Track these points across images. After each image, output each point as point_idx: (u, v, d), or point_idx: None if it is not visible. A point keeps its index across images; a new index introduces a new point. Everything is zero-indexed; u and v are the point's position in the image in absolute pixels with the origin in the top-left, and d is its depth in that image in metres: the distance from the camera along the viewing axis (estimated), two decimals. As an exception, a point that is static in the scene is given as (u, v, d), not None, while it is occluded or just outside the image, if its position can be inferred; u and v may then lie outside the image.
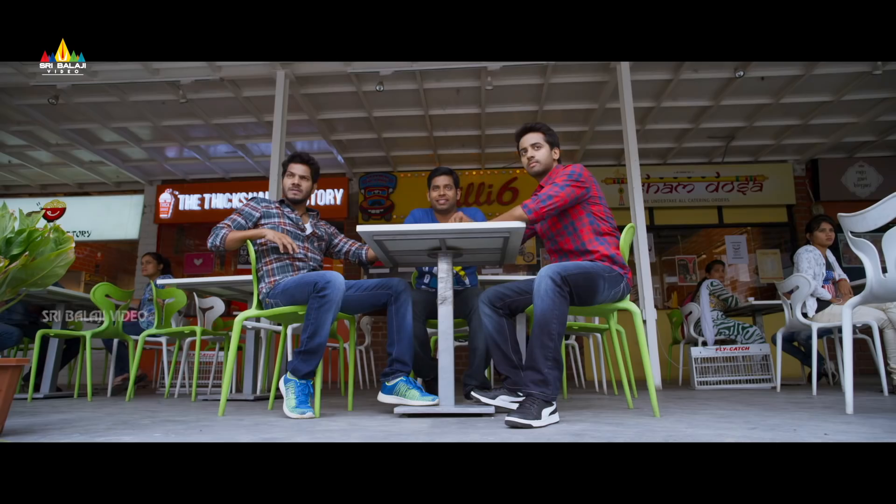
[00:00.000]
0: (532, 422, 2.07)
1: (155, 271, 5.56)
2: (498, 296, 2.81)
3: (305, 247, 3.19)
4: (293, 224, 3.19)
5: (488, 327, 2.79)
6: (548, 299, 2.33)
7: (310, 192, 3.33)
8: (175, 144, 7.90)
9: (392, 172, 8.91)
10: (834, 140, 7.82)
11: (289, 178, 3.26)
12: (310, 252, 3.21)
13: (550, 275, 2.36)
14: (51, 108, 6.45)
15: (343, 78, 6.10)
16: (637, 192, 5.29)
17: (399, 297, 2.88)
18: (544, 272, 2.38)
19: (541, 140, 2.91)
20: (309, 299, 2.68)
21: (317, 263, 3.26)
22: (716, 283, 5.82)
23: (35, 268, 2.03)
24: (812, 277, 4.32)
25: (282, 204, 3.27)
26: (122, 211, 9.40)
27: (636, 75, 5.83)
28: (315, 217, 3.43)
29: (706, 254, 9.40)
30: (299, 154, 3.31)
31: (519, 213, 2.63)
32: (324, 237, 3.37)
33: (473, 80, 6.23)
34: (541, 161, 2.88)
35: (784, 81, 6.25)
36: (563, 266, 2.42)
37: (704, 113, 7.03)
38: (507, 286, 2.84)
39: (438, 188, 3.49)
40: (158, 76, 5.83)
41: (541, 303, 2.34)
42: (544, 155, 2.89)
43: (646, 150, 8.05)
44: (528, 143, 2.92)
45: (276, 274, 3.05)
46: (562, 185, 2.69)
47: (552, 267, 2.40)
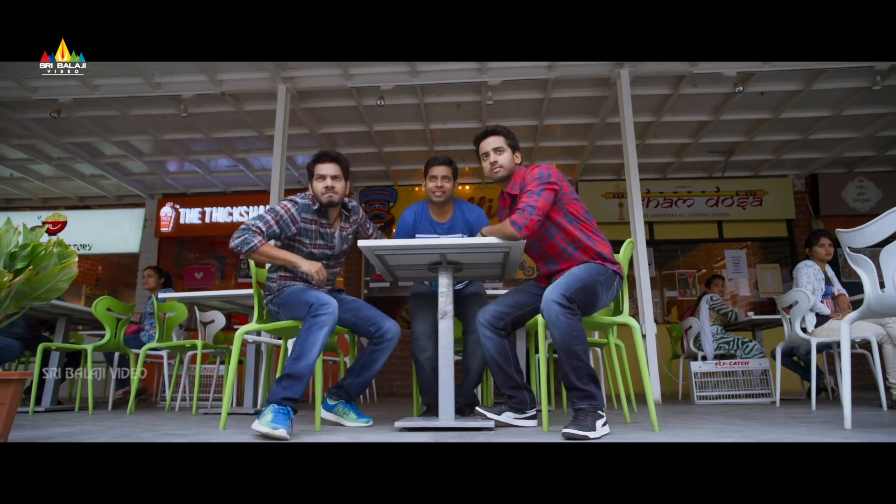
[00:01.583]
0: (588, 433, 2.17)
1: (156, 285, 5.57)
2: (498, 316, 2.75)
3: (330, 265, 3.11)
4: (325, 244, 3.04)
5: (490, 350, 2.73)
6: (562, 324, 2.33)
7: (345, 191, 3.03)
8: (176, 158, 7.93)
9: (392, 186, 8.95)
10: (833, 155, 7.85)
11: (319, 181, 2.95)
12: (331, 268, 3.14)
13: (556, 300, 2.35)
14: (53, 122, 6.49)
15: (344, 92, 6.14)
16: (637, 206, 5.31)
17: (382, 341, 2.92)
18: (549, 297, 2.37)
19: (503, 144, 2.81)
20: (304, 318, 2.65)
21: (332, 277, 3.17)
22: (715, 298, 5.82)
23: (39, 282, 2.04)
24: (811, 292, 4.33)
25: (319, 213, 3.00)
26: (123, 224, 9.42)
27: (636, 90, 5.87)
28: (346, 220, 3.17)
29: (706, 268, 9.41)
30: (326, 152, 3.01)
31: (510, 231, 2.51)
32: (351, 243, 3.19)
33: (474, 95, 6.27)
34: (504, 166, 2.79)
35: (783, 96, 6.29)
36: (564, 285, 2.41)
37: (704, 128, 7.07)
38: (504, 302, 2.80)
39: (436, 178, 3.29)
40: (160, 90, 5.88)
41: (557, 330, 2.34)
42: (507, 159, 2.80)
43: (645, 164, 8.07)
44: (489, 148, 2.82)
45: (286, 284, 2.98)
46: (537, 191, 2.57)
47: (554, 290, 2.39)
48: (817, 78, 5.75)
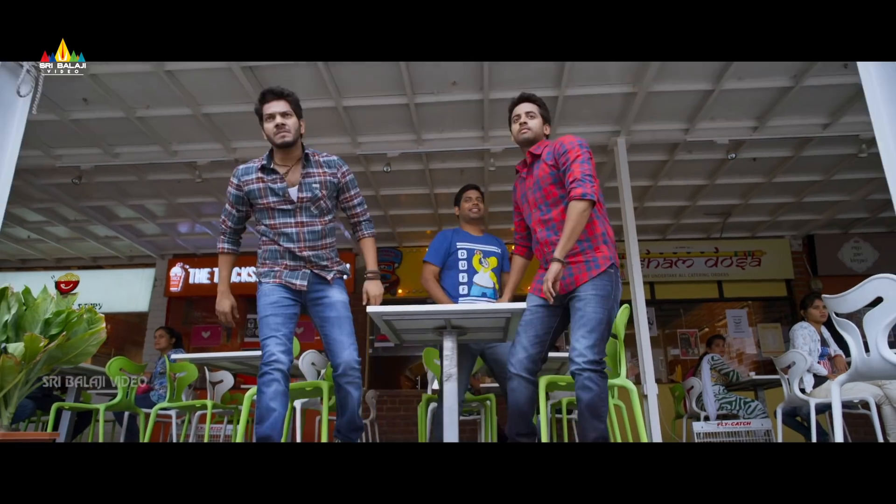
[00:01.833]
0: None
1: (167, 345, 5.69)
2: (532, 360, 2.72)
3: (300, 222, 2.83)
4: (279, 199, 2.80)
5: (521, 399, 2.70)
6: (594, 388, 2.41)
7: (298, 129, 2.81)
8: (188, 220, 8.17)
9: (398, 248, 9.15)
10: (828, 217, 8.05)
11: (269, 121, 2.75)
12: (306, 226, 2.84)
13: (588, 366, 2.42)
14: (72, 187, 6.74)
15: (352, 158, 6.39)
16: (636, 268, 5.47)
17: (339, 376, 2.83)
18: (581, 362, 2.43)
19: (536, 111, 2.87)
20: None
21: (314, 238, 2.86)
22: (717, 358, 5.90)
23: (70, 347, 2.19)
24: (808, 353, 4.42)
25: (264, 170, 2.82)
26: (134, 284, 9.61)
27: (633, 156, 6.10)
28: (308, 166, 2.87)
29: (708, 327, 9.47)
30: (270, 89, 2.78)
31: (583, 206, 2.51)
32: (320, 195, 2.85)
33: (477, 161, 6.53)
34: (532, 129, 2.83)
35: (775, 162, 6.52)
36: (590, 340, 2.46)
37: (700, 191, 7.29)
38: (528, 343, 2.73)
39: (471, 199, 3.75)
40: (176, 157, 6.15)
41: (587, 394, 2.41)
42: (537, 125, 2.84)
43: (645, 226, 8.28)
44: (523, 111, 2.86)
45: (266, 260, 2.91)
46: (584, 158, 2.60)
47: (583, 350, 2.44)
48: (806, 146, 5.99)
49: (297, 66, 4.70)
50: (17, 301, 2.12)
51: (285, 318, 2.78)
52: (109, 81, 4.87)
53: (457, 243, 3.64)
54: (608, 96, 5.24)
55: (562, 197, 2.68)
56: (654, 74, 4.79)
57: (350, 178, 3.03)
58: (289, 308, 2.82)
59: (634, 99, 5.14)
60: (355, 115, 5.54)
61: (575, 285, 2.61)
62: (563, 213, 2.64)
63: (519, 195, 2.95)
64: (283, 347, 2.70)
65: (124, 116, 5.31)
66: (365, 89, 5.17)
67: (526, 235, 3.07)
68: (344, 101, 5.25)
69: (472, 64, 4.79)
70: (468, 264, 3.60)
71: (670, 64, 4.73)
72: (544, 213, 2.75)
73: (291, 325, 2.83)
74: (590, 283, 2.57)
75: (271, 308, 2.76)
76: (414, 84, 5.03)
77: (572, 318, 2.60)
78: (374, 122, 5.69)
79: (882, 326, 2.42)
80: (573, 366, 2.45)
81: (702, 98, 5.22)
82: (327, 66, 4.74)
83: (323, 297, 2.88)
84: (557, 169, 2.68)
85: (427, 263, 3.65)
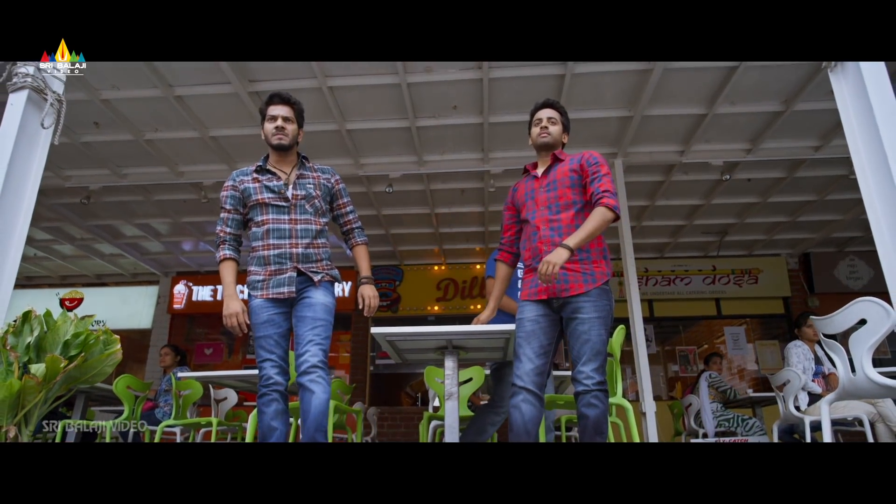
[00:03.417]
0: None
1: (173, 363, 5.76)
2: (538, 371, 2.63)
3: (293, 219, 2.84)
4: (274, 195, 2.83)
5: (527, 417, 2.57)
6: (600, 404, 2.47)
7: (297, 136, 2.90)
8: (192, 239, 8.29)
9: (399, 266, 9.26)
10: (823, 235, 8.16)
11: (270, 122, 2.83)
12: (299, 224, 2.84)
13: (597, 386, 2.47)
14: (80, 206, 6.87)
15: (355, 179, 6.53)
16: (633, 287, 5.58)
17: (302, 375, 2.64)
18: (591, 384, 2.47)
19: (558, 118, 2.91)
20: None
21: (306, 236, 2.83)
22: (714, 376, 5.97)
23: (88, 367, 2.28)
24: (802, 372, 4.50)
25: (259, 171, 2.88)
26: (138, 301, 9.70)
27: (630, 177, 6.23)
28: (304, 168, 2.94)
29: (708, 343, 9.54)
30: (279, 93, 2.88)
31: (609, 216, 2.57)
32: (314, 194, 2.90)
33: (477, 182, 6.65)
34: (552, 134, 2.86)
35: (769, 183, 6.65)
36: (596, 361, 2.51)
37: (697, 211, 7.41)
38: (532, 354, 2.66)
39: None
40: (183, 178, 6.27)
41: (593, 411, 2.47)
42: (557, 131, 2.88)
43: (643, 244, 8.40)
44: (545, 116, 2.90)
45: (253, 267, 2.87)
46: (609, 175, 2.68)
47: (591, 372, 2.49)
48: (798, 167, 6.12)
49: (301, 90, 4.83)
50: (39, 324, 2.22)
51: (278, 337, 2.76)
52: (120, 106, 5.02)
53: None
54: (605, 119, 5.38)
55: (574, 202, 2.71)
56: (649, 98, 4.93)
57: (342, 187, 3.05)
58: (280, 326, 2.78)
59: (630, 122, 5.29)
60: (358, 137, 5.68)
61: (569, 293, 2.60)
62: (571, 217, 2.68)
63: (522, 193, 2.91)
64: (278, 369, 2.71)
65: (133, 139, 5.45)
66: (368, 112, 5.31)
67: (513, 240, 3.02)
68: (347, 124, 5.39)
69: (472, 88, 4.93)
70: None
71: (665, 88, 4.87)
72: (553, 213, 2.74)
73: (285, 342, 2.80)
74: (591, 303, 2.58)
75: (262, 329, 2.75)
76: (415, 108, 5.17)
77: (575, 339, 2.58)
78: (376, 144, 5.83)
79: (866, 347, 2.52)
80: (581, 387, 2.49)
81: (696, 121, 5.35)
82: (331, 89, 4.88)
83: (305, 297, 2.79)
84: (580, 175, 2.72)
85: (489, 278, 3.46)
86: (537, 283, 2.67)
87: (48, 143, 2.49)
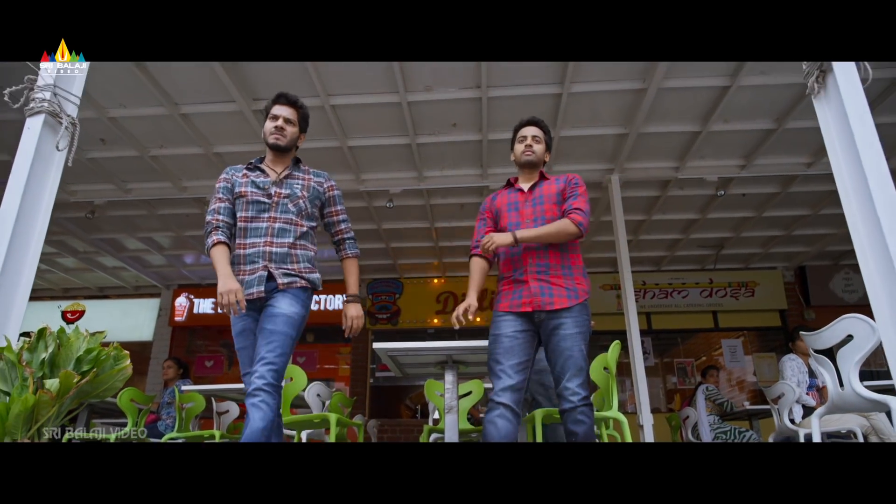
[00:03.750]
0: None
1: (175, 375, 5.82)
2: (517, 388, 2.59)
3: (272, 217, 2.70)
4: (257, 190, 2.72)
5: (502, 433, 2.50)
6: (587, 419, 2.50)
7: (295, 140, 2.82)
8: (194, 252, 8.38)
9: (399, 279, 9.35)
10: (818, 249, 8.26)
11: (271, 121, 2.78)
12: (278, 222, 2.69)
13: (583, 403, 2.49)
14: (85, 220, 6.96)
15: (356, 194, 6.62)
16: (630, 300, 5.67)
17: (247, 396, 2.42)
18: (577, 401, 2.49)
19: (542, 137, 2.92)
20: None
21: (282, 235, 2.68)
22: (711, 388, 6.04)
23: (99, 382, 2.36)
24: (796, 385, 4.58)
25: (249, 168, 2.82)
26: (139, 314, 9.77)
27: (627, 192, 6.34)
28: (296, 170, 2.84)
29: (706, 356, 9.61)
30: (285, 94, 2.81)
31: (573, 230, 2.65)
32: (299, 194, 2.76)
33: (476, 197, 6.75)
34: (536, 153, 2.87)
35: (764, 198, 6.75)
36: (581, 376, 2.53)
37: (693, 225, 7.50)
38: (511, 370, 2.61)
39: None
40: (186, 192, 6.37)
41: (581, 427, 2.49)
42: (541, 150, 2.90)
43: (640, 258, 8.49)
44: (530, 134, 2.91)
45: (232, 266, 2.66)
46: (587, 198, 2.74)
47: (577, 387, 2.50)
48: (792, 182, 6.23)
49: (304, 108, 4.95)
50: (53, 340, 2.30)
51: (253, 350, 2.58)
52: (127, 123, 5.13)
53: None
54: (601, 137, 5.49)
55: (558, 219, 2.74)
56: (645, 116, 5.04)
57: (337, 194, 2.92)
58: (255, 335, 2.61)
59: (626, 139, 5.40)
60: (359, 153, 5.78)
61: (553, 306, 2.61)
62: (557, 258, 2.74)
63: (504, 202, 2.90)
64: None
65: (138, 155, 5.56)
66: (369, 130, 5.42)
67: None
68: (349, 140, 5.50)
69: (471, 106, 5.04)
70: None
71: (659, 106, 4.98)
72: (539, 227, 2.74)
73: None
74: (572, 319, 2.60)
75: (238, 340, 2.64)
76: (416, 125, 5.28)
77: (558, 355, 2.58)
78: (377, 160, 5.93)
79: (853, 363, 2.60)
80: (567, 404, 2.51)
81: (690, 138, 5.46)
82: (334, 107, 4.99)
83: (269, 306, 2.59)
84: (562, 195, 2.78)
85: None
86: (521, 294, 2.68)
87: (62, 165, 2.58)
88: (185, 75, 4.57)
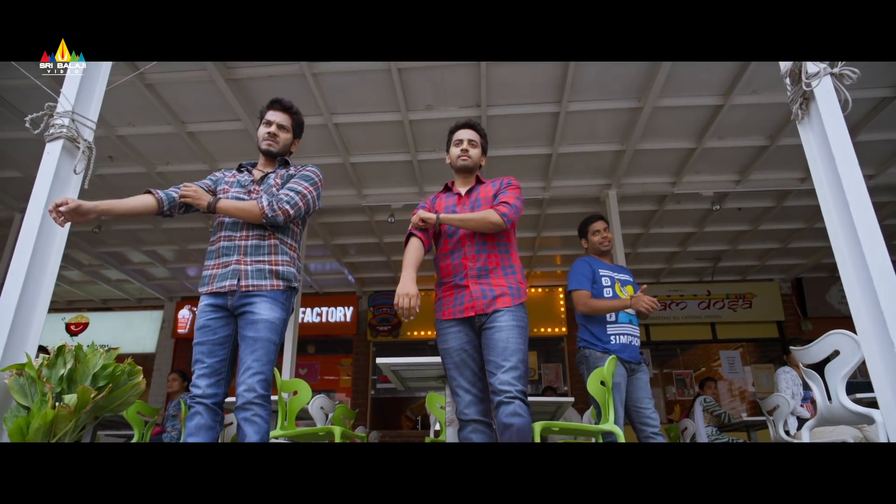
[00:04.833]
0: None
1: (180, 388, 5.89)
2: (480, 399, 2.54)
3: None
4: (239, 188, 2.70)
5: None
6: (525, 414, 2.34)
7: (288, 146, 2.80)
8: (197, 265, 8.48)
9: (400, 291, 9.41)
10: (814, 261, 8.36)
11: (264, 126, 2.75)
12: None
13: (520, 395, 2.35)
14: (90, 234, 7.07)
15: (358, 209, 6.74)
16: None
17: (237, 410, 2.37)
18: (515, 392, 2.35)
19: (478, 140, 2.86)
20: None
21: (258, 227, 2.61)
22: (709, 400, 6.12)
23: (114, 397, 2.46)
24: (790, 397, 4.67)
25: (239, 168, 2.82)
26: (143, 326, 9.87)
27: (624, 206, 6.45)
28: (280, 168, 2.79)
29: (705, 367, 9.70)
30: (280, 100, 2.79)
31: (496, 219, 2.56)
32: (273, 183, 2.72)
33: (476, 211, 6.85)
34: (472, 157, 2.82)
35: (759, 211, 6.87)
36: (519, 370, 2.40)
37: (690, 238, 7.61)
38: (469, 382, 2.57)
39: (600, 232, 3.69)
40: (191, 207, 6.47)
41: (519, 420, 2.33)
42: (477, 154, 2.84)
43: (639, 270, 8.58)
44: (465, 137, 2.84)
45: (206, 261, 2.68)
46: (519, 196, 2.68)
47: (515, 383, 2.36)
48: (786, 197, 6.34)
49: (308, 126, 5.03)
50: (71, 357, 2.40)
51: (212, 345, 2.51)
52: (134, 141, 5.26)
53: (599, 270, 3.60)
54: (599, 153, 5.60)
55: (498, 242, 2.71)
56: (641, 134, 5.16)
57: (304, 173, 2.74)
58: (217, 332, 2.53)
59: (623, 155, 5.51)
60: (362, 169, 5.90)
61: (495, 307, 2.55)
62: (495, 236, 2.69)
63: (442, 206, 2.85)
64: (207, 379, 2.47)
65: (145, 171, 5.67)
66: (371, 147, 5.53)
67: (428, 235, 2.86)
68: (351, 157, 5.62)
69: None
70: (612, 291, 3.56)
71: (655, 124, 5.10)
72: (476, 249, 2.68)
73: (222, 351, 2.52)
74: (510, 314, 2.53)
75: (198, 335, 2.55)
76: (417, 142, 5.40)
77: (492, 348, 2.48)
78: (379, 175, 6.05)
79: (840, 377, 2.70)
80: (501, 395, 2.35)
81: (686, 155, 5.58)
82: (337, 126, 5.11)
83: (248, 312, 2.50)
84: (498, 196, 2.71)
85: (578, 291, 3.52)
86: (462, 300, 2.61)
87: (79, 187, 2.69)
88: (192, 94, 4.70)
